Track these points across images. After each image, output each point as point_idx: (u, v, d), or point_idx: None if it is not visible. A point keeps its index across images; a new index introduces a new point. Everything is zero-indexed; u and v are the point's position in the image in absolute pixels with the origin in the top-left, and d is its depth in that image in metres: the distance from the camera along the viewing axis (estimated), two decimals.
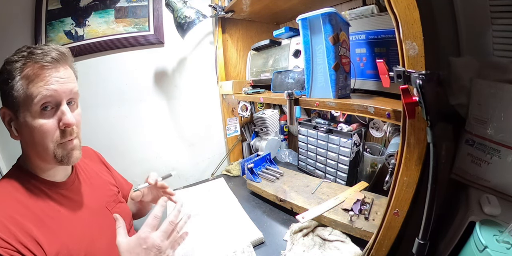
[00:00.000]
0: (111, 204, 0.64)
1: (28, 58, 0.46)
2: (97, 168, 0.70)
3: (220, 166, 1.25)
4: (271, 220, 0.82)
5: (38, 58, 0.46)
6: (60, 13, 0.95)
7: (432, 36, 0.40)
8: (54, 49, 0.49)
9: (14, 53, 0.47)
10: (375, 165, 0.86)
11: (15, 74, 0.45)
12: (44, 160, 0.51)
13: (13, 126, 0.48)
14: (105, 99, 1.05)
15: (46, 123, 0.47)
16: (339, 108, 0.59)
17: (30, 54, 0.46)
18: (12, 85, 0.45)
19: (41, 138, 0.47)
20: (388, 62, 0.57)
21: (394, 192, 0.44)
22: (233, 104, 1.26)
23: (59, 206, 0.51)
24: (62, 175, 0.56)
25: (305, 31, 0.62)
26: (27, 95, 0.45)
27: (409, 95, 0.36)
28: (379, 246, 0.49)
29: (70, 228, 0.50)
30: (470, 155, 0.52)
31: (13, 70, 0.45)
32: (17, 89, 0.45)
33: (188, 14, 0.92)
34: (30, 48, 0.47)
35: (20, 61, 0.46)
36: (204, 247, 0.70)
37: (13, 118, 0.48)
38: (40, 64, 0.46)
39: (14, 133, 0.49)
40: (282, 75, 0.89)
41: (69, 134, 0.50)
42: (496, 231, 0.39)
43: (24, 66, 0.46)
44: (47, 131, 0.47)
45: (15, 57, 0.46)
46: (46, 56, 0.47)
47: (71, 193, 0.55)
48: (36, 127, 0.46)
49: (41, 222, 0.46)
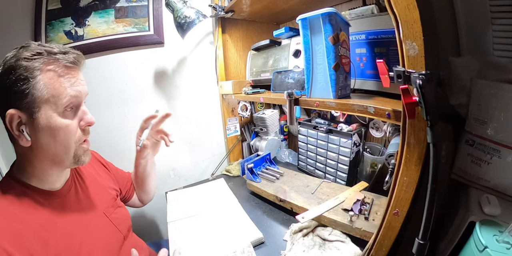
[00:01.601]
0: (109, 210, 0.63)
1: (48, 56, 0.44)
2: (94, 171, 0.68)
3: (220, 166, 1.25)
4: (271, 220, 0.82)
5: (58, 57, 0.45)
6: (60, 13, 0.95)
7: (432, 36, 0.40)
8: (70, 50, 0.48)
9: (22, 49, 0.44)
10: (375, 165, 0.86)
11: (35, 73, 0.42)
12: (59, 163, 0.49)
13: (25, 130, 0.44)
14: (105, 99, 1.05)
15: (71, 123, 0.47)
16: (339, 108, 0.59)
17: (48, 53, 0.44)
18: (34, 83, 0.42)
19: (65, 138, 0.47)
20: (388, 62, 0.56)
21: (394, 192, 0.44)
22: (233, 104, 1.26)
23: (56, 218, 0.49)
24: (61, 181, 0.54)
25: (305, 31, 0.62)
26: (53, 95, 0.44)
27: (409, 95, 0.36)
28: (379, 246, 0.49)
29: (67, 240, 0.49)
30: (470, 155, 0.52)
31: (32, 67, 0.42)
32: (39, 88, 0.42)
33: (188, 14, 0.92)
34: (44, 46, 0.45)
35: (37, 59, 0.43)
36: (204, 247, 0.70)
37: (26, 121, 0.44)
38: (63, 64, 0.45)
39: (26, 138, 0.44)
40: (282, 75, 0.89)
41: (87, 133, 0.52)
42: (496, 231, 0.39)
43: (44, 65, 0.43)
44: (72, 130, 0.48)
45: (26, 53, 0.43)
46: (67, 56, 0.46)
47: (68, 202, 0.53)
48: (62, 127, 0.46)
49: (37, 236, 0.44)
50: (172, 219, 0.85)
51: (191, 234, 0.77)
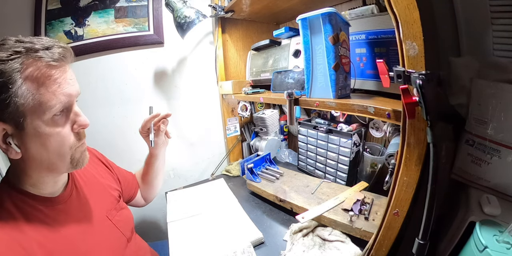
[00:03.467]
0: (112, 213, 0.60)
1: (27, 55, 0.38)
2: (95, 171, 0.65)
3: (220, 166, 1.25)
4: (271, 220, 0.82)
5: (41, 55, 0.38)
6: (60, 13, 0.95)
7: (432, 36, 0.40)
8: (55, 43, 0.41)
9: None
10: (375, 165, 0.86)
11: (15, 77, 0.36)
12: (54, 170, 0.46)
13: (12, 142, 0.40)
14: (105, 99, 1.05)
15: (62, 129, 0.43)
16: (339, 108, 0.59)
17: (28, 50, 0.38)
18: (15, 91, 0.36)
19: (58, 146, 0.43)
20: (388, 62, 0.56)
21: (394, 192, 0.44)
22: (233, 104, 1.26)
23: (59, 226, 0.47)
24: (59, 186, 0.51)
25: (305, 31, 0.62)
26: (39, 102, 0.39)
27: (409, 95, 0.36)
28: (379, 246, 0.49)
29: (71, 248, 0.47)
30: (470, 155, 0.52)
31: (10, 70, 0.36)
32: (22, 95, 0.37)
33: (188, 14, 0.92)
34: (22, 42, 0.38)
35: (15, 59, 0.37)
36: (204, 247, 0.70)
37: (12, 132, 0.40)
38: (46, 63, 0.39)
39: (15, 150, 0.40)
40: (282, 75, 0.89)
41: (83, 136, 0.48)
42: (496, 231, 0.39)
43: (24, 66, 0.37)
44: (65, 136, 0.43)
45: (2, 54, 0.36)
46: (51, 52, 0.40)
47: (70, 208, 0.51)
48: (53, 135, 0.41)
49: (42, 248, 0.42)
50: (172, 219, 0.85)
51: (191, 234, 0.77)
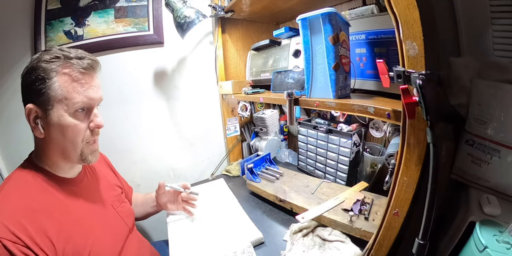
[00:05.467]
0: (116, 203, 0.67)
1: (64, 60, 0.49)
2: (104, 170, 0.74)
3: (219, 166, 1.25)
4: (271, 220, 0.82)
5: (73, 62, 0.49)
6: (60, 12, 0.95)
7: (432, 36, 0.40)
8: (86, 55, 0.52)
9: (44, 53, 0.49)
10: (375, 165, 0.86)
11: (51, 74, 0.47)
12: (67, 158, 0.53)
13: (39, 123, 0.49)
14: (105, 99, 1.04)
15: (80, 123, 0.51)
16: (339, 108, 0.59)
17: (65, 57, 0.49)
18: (50, 84, 0.47)
19: (73, 136, 0.51)
20: (388, 62, 0.57)
21: (394, 192, 0.44)
22: (233, 104, 1.26)
23: (68, 202, 0.53)
24: (74, 172, 0.59)
25: (305, 31, 0.62)
26: (66, 97, 0.48)
27: (409, 95, 0.36)
28: (379, 246, 0.49)
29: (77, 223, 0.52)
30: (470, 155, 0.52)
31: (49, 69, 0.47)
32: (54, 89, 0.47)
33: (187, 14, 0.92)
34: (62, 51, 0.50)
35: (55, 62, 0.48)
36: (204, 247, 0.70)
37: (41, 115, 0.49)
38: (78, 70, 0.49)
39: (40, 131, 0.49)
40: (282, 75, 0.89)
41: (96, 134, 0.56)
42: (496, 231, 0.39)
43: (60, 68, 0.48)
44: (80, 130, 0.52)
45: (46, 56, 0.48)
46: (81, 62, 0.50)
47: (80, 190, 0.58)
48: (70, 126, 0.50)
49: (50, 215, 0.48)
50: (172, 219, 0.85)
51: (191, 234, 0.77)
